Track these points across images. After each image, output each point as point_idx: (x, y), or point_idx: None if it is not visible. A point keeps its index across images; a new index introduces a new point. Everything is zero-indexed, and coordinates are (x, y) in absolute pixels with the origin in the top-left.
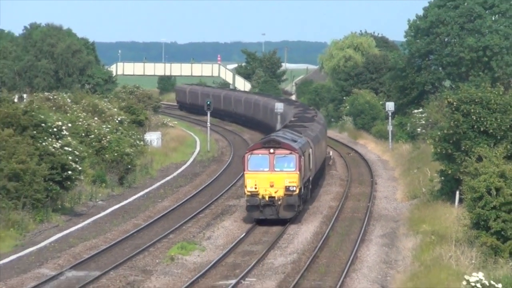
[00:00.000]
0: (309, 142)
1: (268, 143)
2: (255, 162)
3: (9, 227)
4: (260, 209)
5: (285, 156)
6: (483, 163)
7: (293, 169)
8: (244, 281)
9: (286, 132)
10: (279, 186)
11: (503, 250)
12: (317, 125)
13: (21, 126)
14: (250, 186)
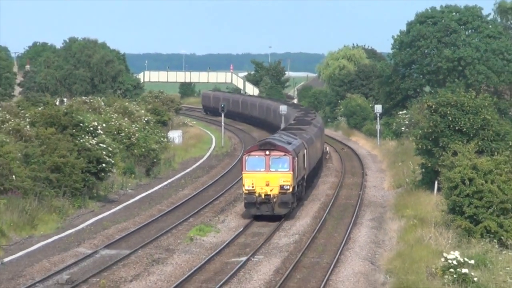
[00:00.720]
0: (304, 144)
1: (264, 146)
2: (252, 163)
3: (52, 212)
4: (257, 206)
5: (279, 158)
6: (458, 157)
7: (287, 169)
8: (253, 258)
9: (282, 135)
10: (274, 185)
11: (475, 232)
12: (313, 128)
13: (62, 126)
14: (248, 185)
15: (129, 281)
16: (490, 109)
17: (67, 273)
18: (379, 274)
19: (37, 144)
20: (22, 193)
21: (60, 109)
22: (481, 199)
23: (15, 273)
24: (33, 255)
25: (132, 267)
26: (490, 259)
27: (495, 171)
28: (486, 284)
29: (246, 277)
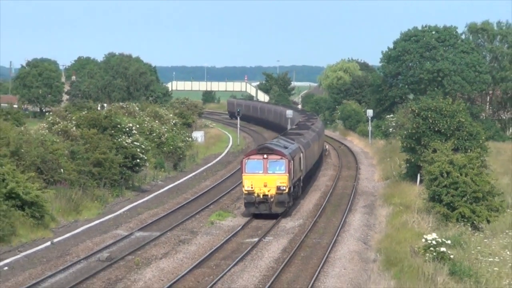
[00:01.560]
0: (301, 148)
1: (262, 150)
2: (251, 166)
3: (94, 200)
4: (255, 205)
5: (276, 161)
6: (437, 154)
7: (283, 172)
8: (264, 239)
9: (280, 140)
10: (272, 186)
11: (452, 217)
12: (311, 133)
13: (103, 127)
14: (247, 186)
15: (159, 259)
16: (464, 113)
17: (107, 251)
18: (370, 252)
19: (82, 143)
20: (69, 184)
21: (101, 113)
22: (456, 189)
23: (63, 252)
24: (78, 236)
25: (162, 246)
26: (464, 240)
27: (468, 166)
28: (460, 261)
29: (258, 255)
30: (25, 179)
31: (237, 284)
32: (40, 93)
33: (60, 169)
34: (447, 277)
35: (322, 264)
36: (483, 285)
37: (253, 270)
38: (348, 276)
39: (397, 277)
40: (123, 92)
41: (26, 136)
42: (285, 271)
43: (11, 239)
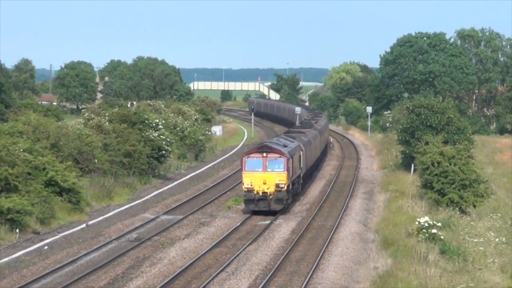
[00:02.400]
0: (301, 146)
1: (262, 149)
2: (251, 164)
3: (124, 187)
4: (255, 202)
5: (275, 159)
6: (429, 146)
7: (282, 170)
8: (275, 221)
9: (280, 139)
10: (271, 183)
11: (442, 202)
12: (313, 131)
13: (132, 122)
14: (247, 183)
15: (182, 239)
16: (453, 110)
17: (136, 232)
18: (369, 233)
19: (114, 136)
20: (102, 173)
21: (130, 110)
22: (446, 177)
23: (96, 233)
24: (110, 219)
25: (184, 228)
26: (453, 222)
27: (457, 156)
28: (450, 241)
29: (270, 235)
30: (63, 168)
31: (251, 261)
32: (76, 92)
33: (94, 159)
34: (437, 256)
35: (327, 244)
36: (470, 262)
37: (266, 249)
38: (350, 254)
39: (393, 256)
40: (150, 91)
41: (64, 130)
42: (293, 250)
43: (50, 221)
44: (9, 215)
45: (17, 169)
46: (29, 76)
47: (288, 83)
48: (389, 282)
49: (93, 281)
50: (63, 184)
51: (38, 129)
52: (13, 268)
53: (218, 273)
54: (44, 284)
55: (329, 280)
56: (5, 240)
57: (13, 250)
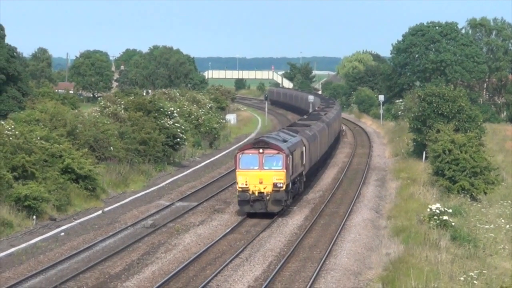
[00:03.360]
0: (303, 141)
1: (258, 144)
2: (246, 161)
3: (140, 174)
4: (250, 203)
5: (273, 156)
6: (440, 134)
7: (280, 167)
8: (289, 208)
9: (280, 133)
10: (268, 183)
11: (453, 189)
12: (320, 124)
13: (147, 110)
14: (242, 182)
15: (197, 226)
16: (464, 98)
17: (151, 219)
18: (382, 220)
19: (129, 124)
20: (118, 160)
21: (146, 98)
22: (457, 165)
23: (112, 219)
24: (126, 206)
25: (199, 215)
26: (464, 209)
27: (468, 144)
28: (461, 228)
29: (284, 222)
30: (79, 155)
31: (265, 247)
32: (92, 81)
33: (110, 147)
34: (449, 242)
35: (340, 230)
36: (481, 249)
37: (279, 236)
38: (362, 241)
39: (405, 242)
40: (165, 79)
41: (80, 118)
42: (307, 237)
43: (67, 208)
44: (26, 202)
45: (34, 157)
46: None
47: (301, 72)
48: (401, 268)
49: (109, 267)
50: (80, 171)
51: (55, 117)
52: (30, 254)
53: (232, 259)
54: (61, 270)
55: (342, 266)
56: (22, 226)
57: (30, 236)
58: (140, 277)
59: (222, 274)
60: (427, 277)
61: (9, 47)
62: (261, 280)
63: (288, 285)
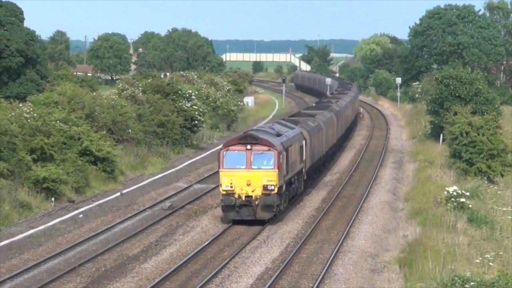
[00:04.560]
0: (303, 134)
1: (245, 139)
2: (231, 159)
3: (158, 157)
4: (236, 209)
5: (262, 153)
6: (457, 116)
7: (272, 167)
8: (306, 191)
9: (276, 125)
10: (257, 185)
11: (470, 171)
12: (327, 114)
13: (165, 93)
14: (226, 184)
15: (214, 207)
16: (481, 81)
17: (169, 201)
18: (399, 202)
19: (147, 106)
20: (136, 143)
21: (164, 81)
22: (474, 147)
23: (131, 201)
24: (144, 188)
25: (216, 197)
26: (481, 191)
27: (485, 127)
28: (478, 210)
29: (301, 204)
30: (98, 138)
31: (282, 229)
32: (110, 63)
33: (128, 129)
34: (466, 224)
35: (357, 212)
36: (497, 231)
37: (297, 218)
38: (379, 223)
39: (422, 224)
40: (183, 62)
41: (99, 101)
42: (324, 219)
43: (85, 190)
44: (45, 184)
45: (53, 139)
46: (64, 48)
47: (318, 54)
48: (418, 250)
49: (127, 248)
50: (98, 153)
51: (73, 100)
52: (49, 236)
53: (250, 241)
54: (79, 252)
55: (359, 248)
56: (41, 208)
57: (49, 218)
58: (158, 258)
59: (240, 256)
60: (444, 259)
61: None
62: (279, 262)
63: (306, 267)
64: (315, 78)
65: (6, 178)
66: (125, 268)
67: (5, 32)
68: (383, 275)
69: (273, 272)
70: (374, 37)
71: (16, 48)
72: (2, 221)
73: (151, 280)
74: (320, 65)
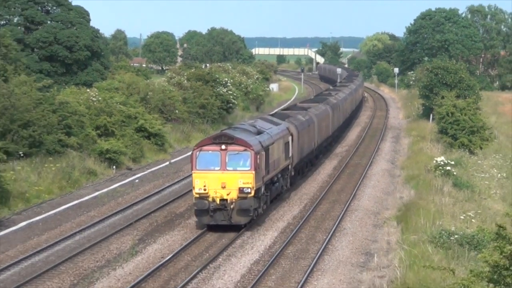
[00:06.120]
0: (290, 129)
1: (219, 138)
2: (205, 159)
3: (199, 132)
4: (210, 213)
5: (238, 153)
6: (444, 100)
7: (248, 168)
8: (320, 161)
9: (258, 121)
10: (232, 187)
11: (455, 145)
12: (322, 107)
13: (206, 80)
14: (199, 187)
15: None
16: (464, 71)
17: None
18: (396, 170)
19: (191, 91)
20: (181, 121)
21: (204, 70)
22: (458, 125)
23: (177, 169)
24: (188, 158)
25: None
26: (463, 161)
27: (467, 108)
28: (461, 176)
29: (317, 171)
30: (150, 117)
31: (301, 192)
32: (161, 56)
33: (175, 110)
34: (451, 188)
35: (362, 178)
36: (477, 193)
37: (313, 182)
38: (380, 186)
39: (415, 188)
40: (220, 55)
41: (151, 87)
42: (335, 183)
43: (140, 160)
44: (108, 155)
45: (114, 118)
46: (123, 43)
47: (331, 49)
48: (412, 209)
49: (175, 207)
50: (151, 130)
51: (130, 86)
52: (111, 197)
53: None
54: (135, 210)
55: (364, 207)
56: (105, 175)
57: (111, 182)
58: None
59: (267, 214)
60: (433, 216)
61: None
62: (298, 218)
63: (320, 222)
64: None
65: (76, 150)
66: (173, 223)
67: (75, 31)
68: (383, 229)
69: (294, 227)
70: (376, 35)
71: (84, 44)
72: (73, 184)
73: (194, 232)
74: (332, 58)
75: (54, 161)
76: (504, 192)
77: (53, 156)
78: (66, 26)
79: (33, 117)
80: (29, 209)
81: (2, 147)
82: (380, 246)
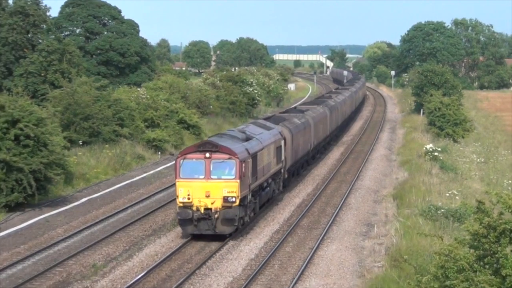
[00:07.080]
0: (283, 133)
1: (204, 146)
2: (189, 168)
3: (230, 125)
4: (194, 223)
5: (223, 162)
6: (432, 97)
7: (233, 176)
8: (330, 148)
9: (250, 126)
10: (216, 196)
11: (441, 135)
12: (319, 109)
13: (235, 81)
14: (183, 196)
15: None
16: (449, 73)
17: None
18: (393, 155)
19: (223, 90)
20: (215, 115)
21: (234, 73)
22: (444, 118)
23: None
24: None
25: None
26: (448, 148)
27: (451, 104)
28: (446, 161)
29: (327, 156)
30: (189, 112)
31: (314, 173)
32: (198, 61)
33: (210, 106)
34: (438, 170)
35: (364, 162)
36: (459, 175)
37: (323, 166)
38: (379, 169)
39: (408, 170)
40: (247, 60)
41: (190, 86)
42: (342, 166)
43: (181, 147)
44: (154, 143)
45: (159, 112)
46: (167, 50)
47: (339, 55)
48: (405, 188)
49: None
50: (190, 122)
51: (172, 86)
52: (157, 178)
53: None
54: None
55: (366, 186)
56: (151, 159)
57: (156, 166)
58: None
59: (284, 194)
60: (423, 194)
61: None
62: (311, 195)
63: (330, 199)
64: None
65: (128, 139)
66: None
67: (127, 40)
68: (382, 204)
69: (308, 202)
70: (376, 43)
71: (134, 51)
72: (125, 167)
73: None
74: (339, 63)
75: (110, 148)
76: (482, 174)
77: (109, 143)
78: (119, 36)
79: (92, 112)
80: (89, 187)
81: (67, 137)
82: (379, 218)
